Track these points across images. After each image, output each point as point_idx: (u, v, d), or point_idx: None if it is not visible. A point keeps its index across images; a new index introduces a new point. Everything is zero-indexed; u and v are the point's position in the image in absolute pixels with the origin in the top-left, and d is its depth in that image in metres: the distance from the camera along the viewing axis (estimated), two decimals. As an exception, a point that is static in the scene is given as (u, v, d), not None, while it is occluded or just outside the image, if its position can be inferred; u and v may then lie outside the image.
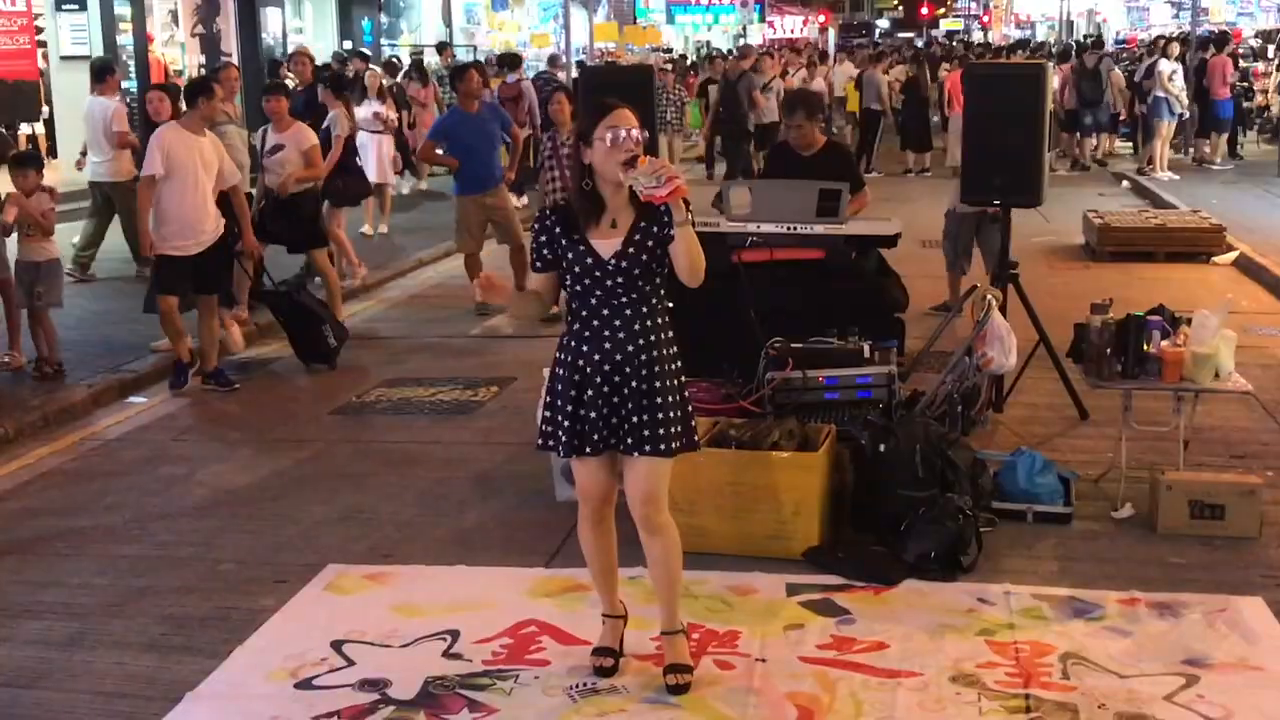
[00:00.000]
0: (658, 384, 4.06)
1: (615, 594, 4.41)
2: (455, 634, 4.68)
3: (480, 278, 4.35)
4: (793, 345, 6.04)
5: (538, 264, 4.16)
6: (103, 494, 6.49)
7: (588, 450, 4.09)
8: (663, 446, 4.07)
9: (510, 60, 18.34)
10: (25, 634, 4.84)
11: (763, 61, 20.52)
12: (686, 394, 4.16)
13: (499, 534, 5.76)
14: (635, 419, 4.05)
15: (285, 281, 9.46)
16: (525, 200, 15.58)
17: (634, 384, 4.05)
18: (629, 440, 4.08)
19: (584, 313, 4.09)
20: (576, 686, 4.26)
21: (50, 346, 8.39)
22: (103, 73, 11.75)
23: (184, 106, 8.80)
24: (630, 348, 4.05)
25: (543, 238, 4.11)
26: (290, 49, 21.85)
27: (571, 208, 4.11)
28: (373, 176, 13.67)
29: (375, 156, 13.99)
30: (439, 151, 10.58)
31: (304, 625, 4.81)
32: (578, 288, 4.08)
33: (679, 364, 4.13)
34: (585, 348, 4.07)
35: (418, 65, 19.24)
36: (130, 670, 4.53)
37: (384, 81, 15.57)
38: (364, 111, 14.09)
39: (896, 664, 4.39)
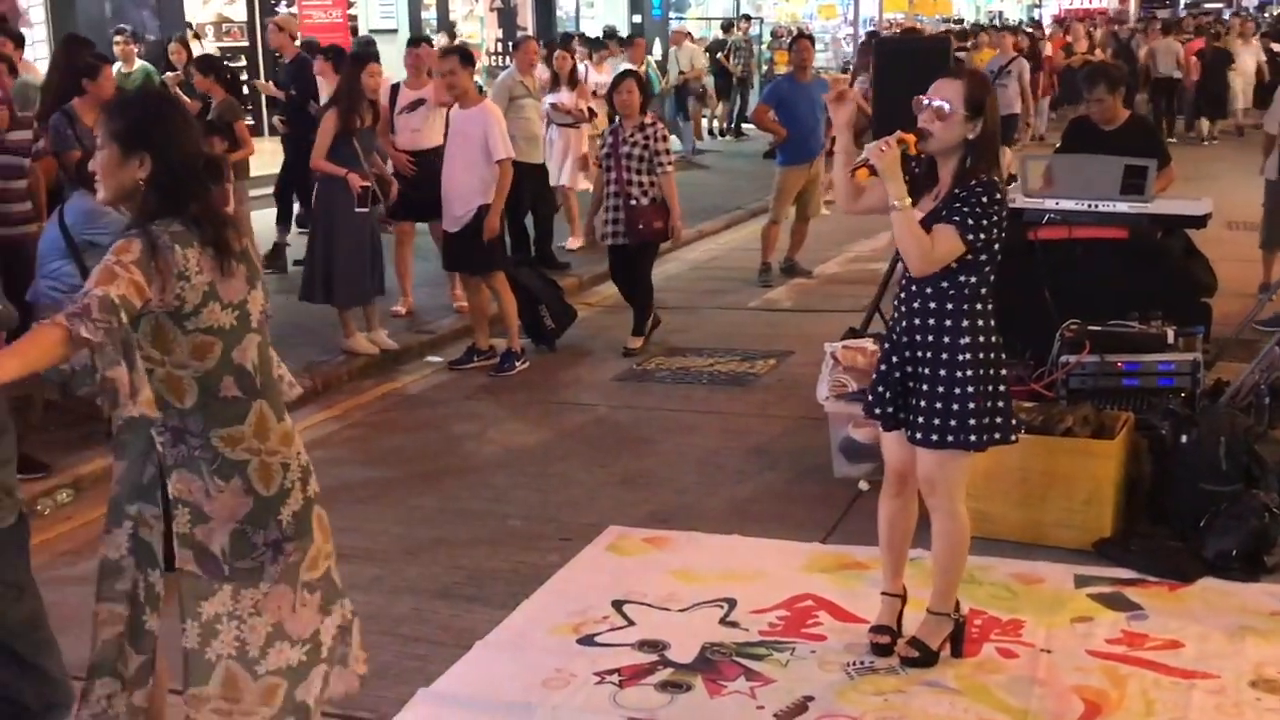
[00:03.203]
0: (925, 370, 3.98)
1: (899, 574, 4.36)
2: (732, 602, 4.73)
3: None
4: (1090, 328, 5.82)
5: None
6: (401, 447, 6.84)
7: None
8: (919, 436, 4.01)
9: (872, 35, 19.59)
10: (330, 575, 5.15)
11: (1001, 41, 18.10)
12: (979, 389, 3.95)
13: (775, 506, 5.78)
14: (903, 399, 4.04)
15: (511, 257, 8.84)
16: None
17: (902, 363, 4.03)
18: (902, 417, 4.07)
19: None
20: (854, 664, 4.24)
21: None
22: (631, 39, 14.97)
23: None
24: (905, 323, 4.02)
25: (907, 177, 4.04)
26: (581, 24, 22.35)
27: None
28: (555, 179, 11.65)
29: (560, 155, 11.73)
30: (772, 117, 10.53)
31: (587, 583, 4.95)
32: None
33: (977, 355, 3.95)
34: (895, 316, 4.11)
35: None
36: (425, 616, 4.76)
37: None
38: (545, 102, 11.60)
39: (1192, 664, 4.20)
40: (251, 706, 3.11)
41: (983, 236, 3.88)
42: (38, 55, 13.14)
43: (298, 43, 11.71)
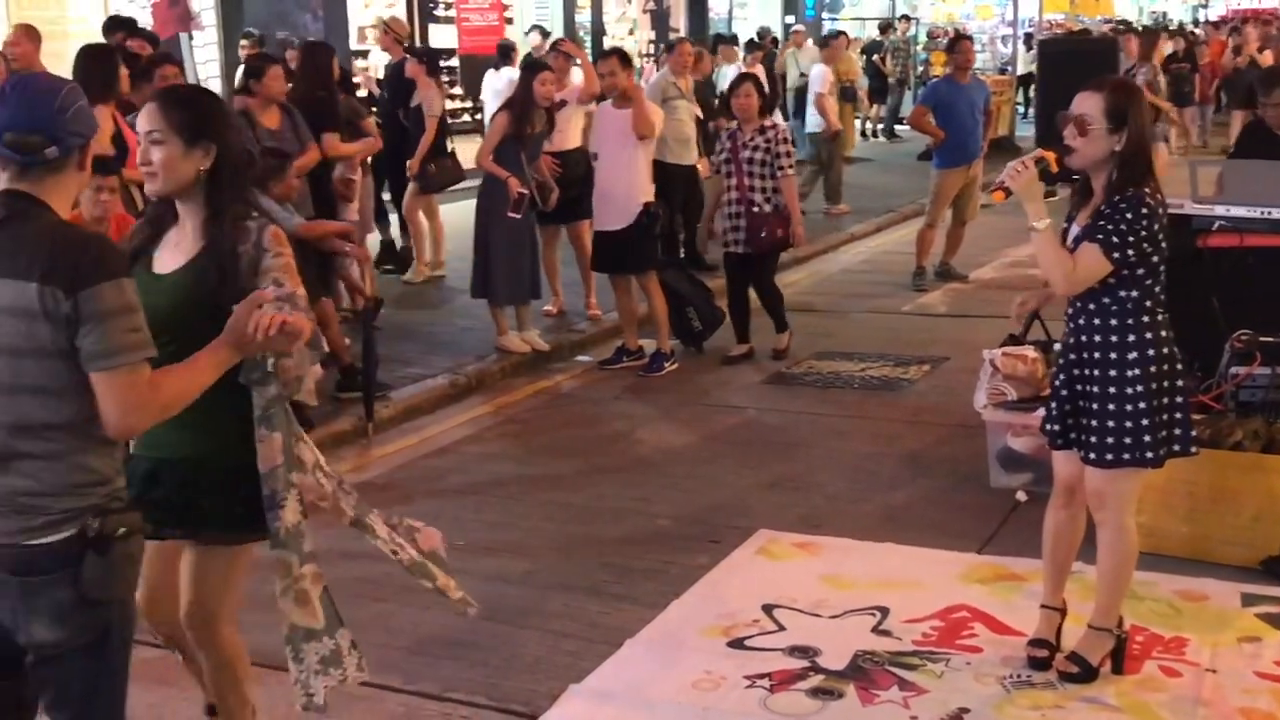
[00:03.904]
0: (1095, 388, 3.90)
1: (1061, 587, 4.26)
2: (885, 611, 4.67)
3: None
4: (1262, 339, 5.61)
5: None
6: (552, 444, 6.91)
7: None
8: (1092, 455, 3.93)
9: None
10: (484, 570, 5.17)
11: (1126, 42, 18.17)
12: (1152, 403, 3.85)
13: (929, 515, 5.70)
14: (1073, 417, 3.98)
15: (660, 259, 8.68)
16: None
17: (1071, 380, 3.96)
18: (1073, 436, 4.02)
19: None
20: (1010, 677, 4.16)
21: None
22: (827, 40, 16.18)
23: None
24: (1073, 340, 3.97)
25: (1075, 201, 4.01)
26: (734, 25, 22.31)
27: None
28: None
29: None
30: (929, 119, 10.41)
31: (737, 586, 4.94)
32: None
33: (1147, 369, 3.85)
34: (1064, 333, 4.05)
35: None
36: (575, 612, 4.81)
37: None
38: None
39: (1369, 692, 4.03)
40: (445, 571, 3.54)
41: (1131, 253, 3.77)
42: (208, 58, 13.60)
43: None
